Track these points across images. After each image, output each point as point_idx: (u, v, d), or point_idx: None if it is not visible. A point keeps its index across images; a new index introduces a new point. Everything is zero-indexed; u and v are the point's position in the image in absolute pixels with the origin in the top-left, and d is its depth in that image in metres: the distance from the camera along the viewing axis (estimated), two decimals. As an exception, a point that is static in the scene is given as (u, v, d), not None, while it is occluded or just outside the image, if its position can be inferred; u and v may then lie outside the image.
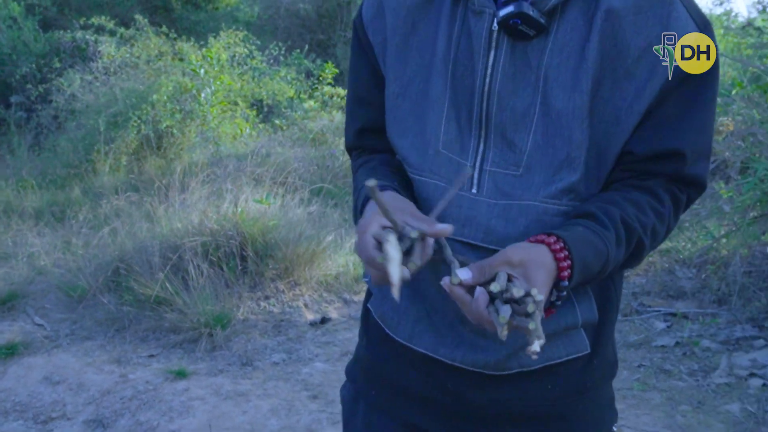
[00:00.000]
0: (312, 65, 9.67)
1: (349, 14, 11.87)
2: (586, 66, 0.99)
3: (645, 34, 0.98)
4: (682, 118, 1.02)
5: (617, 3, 0.98)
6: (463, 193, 1.05)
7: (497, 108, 1.02)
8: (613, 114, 1.01)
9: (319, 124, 7.94)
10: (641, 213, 1.02)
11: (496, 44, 1.02)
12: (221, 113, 7.87)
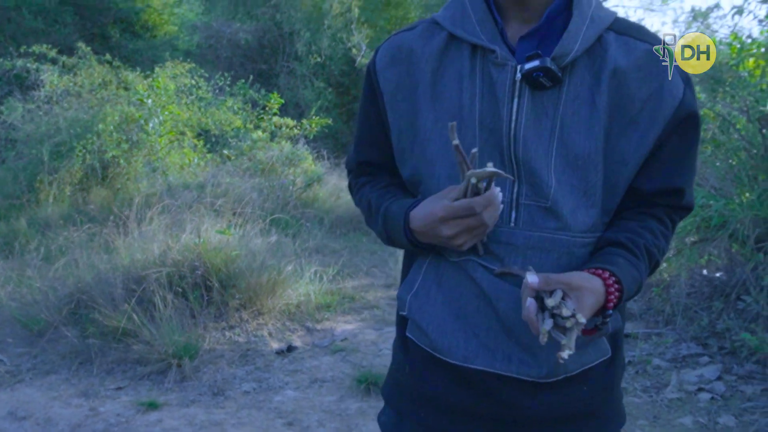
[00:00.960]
0: (257, 95, 9.73)
1: (291, 45, 11.99)
2: (598, 116, 1.16)
3: (646, 88, 1.17)
4: (681, 159, 1.22)
5: (622, 62, 1.16)
6: (503, 228, 1.19)
7: (523, 150, 1.16)
8: (621, 156, 1.18)
9: (269, 154, 7.99)
10: (656, 239, 1.21)
11: (519, 93, 1.16)
12: (169, 143, 7.84)
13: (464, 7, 1.22)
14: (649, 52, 1.17)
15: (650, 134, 1.17)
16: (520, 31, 1.20)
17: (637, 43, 1.18)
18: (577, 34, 1.16)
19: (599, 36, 1.17)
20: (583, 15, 1.17)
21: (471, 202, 1.06)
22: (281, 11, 12.08)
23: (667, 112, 1.17)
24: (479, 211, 1.06)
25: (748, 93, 4.56)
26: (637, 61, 1.17)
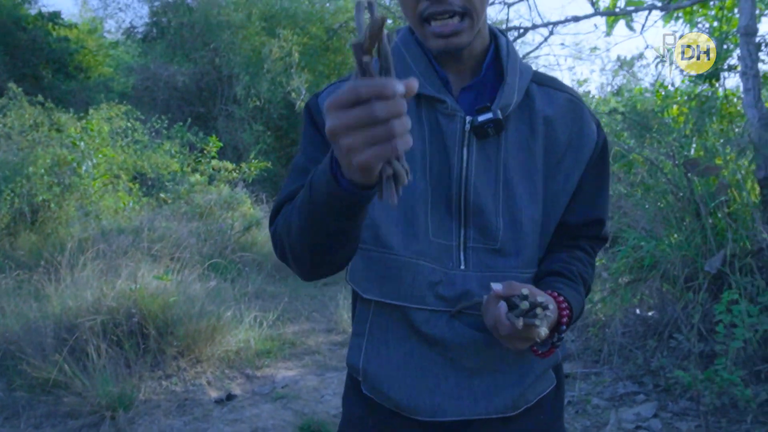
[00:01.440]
0: (195, 138, 9.64)
1: (230, 88, 11.97)
2: (534, 160, 1.25)
3: (568, 133, 1.28)
4: (598, 193, 1.33)
5: (549, 111, 1.27)
6: (453, 272, 1.22)
7: (474, 195, 1.23)
8: (553, 195, 1.28)
9: (207, 198, 7.90)
10: (585, 267, 1.31)
11: (468, 142, 1.23)
12: (103, 186, 7.67)
13: (404, 59, 1.26)
14: (569, 101, 1.30)
15: (575, 174, 1.28)
16: (458, 82, 1.26)
17: (557, 93, 1.30)
18: (514, 86, 1.24)
19: (526, 87, 1.27)
20: (514, 68, 1.26)
21: (353, 82, 0.82)
22: (220, 55, 12.08)
23: (587, 153, 1.28)
24: (366, 96, 0.80)
25: (674, 138, 4.77)
26: (560, 109, 1.28)
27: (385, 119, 0.80)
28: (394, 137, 0.82)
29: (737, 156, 4.59)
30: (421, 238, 1.22)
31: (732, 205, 4.45)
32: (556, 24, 5.48)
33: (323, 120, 1.20)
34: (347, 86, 0.81)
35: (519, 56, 1.31)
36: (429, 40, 1.18)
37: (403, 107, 0.81)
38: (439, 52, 1.19)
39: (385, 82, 0.79)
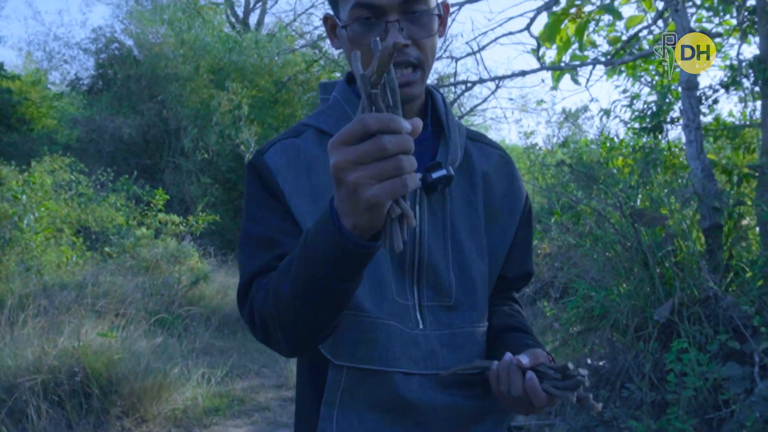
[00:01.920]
0: (141, 191, 9.47)
1: (177, 140, 11.85)
2: (477, 215, 1.28)
3: (502, 187, 1.33)
4: (528, 247, 1.39)
5: (486, 166, 1.32)
6: (414, 332, 1.19)
7: (428, 253, 1.22)
8: (494, 249, 1.30)
9: (153, 251, 7.72)
10: (525, 320, 1.37)
11: (419, 200, 1.22)
12: (45, 240, 7.42)
13: (347, 114, 1.24)
14: (502, 157, 1.36)
15: (511, 229, 1.32)
16: None
17: (490, 148, 1.35)
18: (456, 142, 1.27)
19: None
20: (454, 124, 1.29)
21: (362, 115, 0.80)
22: (168, 107, 11.99)
23: (520, 206, 1.34)
24: (375, 128, 0.78)
25: (620, 189, 4.88)
26: (495, 164, 1.33)
27: (394, 153, 0.79)
28: (403, 172, 0.80)
29: (682, 206, 4.72)
30: (389, 298, 1.18)
31: (679, 255, 4.55)
32: (503, 78, 5.61)
33: (275, 180, 1.19)
34: (354, 120, 0.80)
35: (453, 113, 1.34)
36: None
37: (411, 144, 0.80)
38: None
39: (394, 116, 0.79)
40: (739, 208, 4.67)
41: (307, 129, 1.26)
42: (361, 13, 1.12)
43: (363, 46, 1.13)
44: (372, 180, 0.80)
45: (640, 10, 6.23)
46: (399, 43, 0.96)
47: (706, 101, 5.14)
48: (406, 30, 1.13)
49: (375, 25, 1.12)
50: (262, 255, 1.16)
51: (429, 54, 1.17)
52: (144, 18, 13.44)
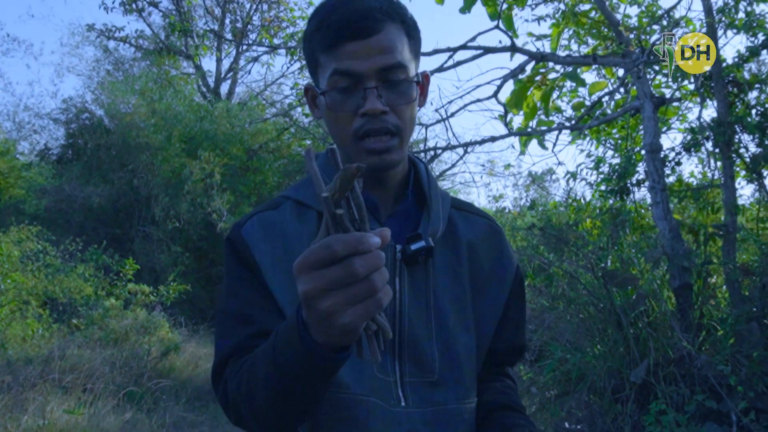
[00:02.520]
0: (110, 261, 9.34)
1: (148, 209, 11.77)
2: (462, 286, 1.25)
3: (490, 258, 1.30)
4: (519, 320, 1.34)
5: (472, 236, 1.30)
6: (396, 409, 1.15)
7: (409, 326, 1.18)
8: (482, 321, 1.26)
9: (123, 323, 7.56)
10: (517, 396, 1.32)
11: (399, 272, 1.20)
12: (10, 313, 7.24)
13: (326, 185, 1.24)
14: (489, 226, 1.33)
15: (500, 298, 1.29)
16: (384, 210, 1.25)
17: (477, 218, 1.33)
18: (439, 213, 1.25)
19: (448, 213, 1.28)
20: (437, 195, 1.28)
21: (327, 239, 0.76)
22: (138, 176, 11.95)
23: (510, 277, 1.30)
24: (342, 253, 0.75)
25: (591, 251, 4.93)
26: (481, 233, 1.31)
27: (366, 275, 0.76)
28: (376, 292, 0.78)
29: (652, 267, 4.77)
30: (368, 374, 1.15)
31: (651, 315, 4.58)
32: (473, 144, 5.72)
33: (252, 254, 1.18)
34: (319, 245, 0.76)
35: (437, 182, 1.33)
36: (362, 157, 1.16)
37: (381, 259, 0.77)
38: (373, 169, 1.17)
39: (361, 236, 0.75)
40: (708, 267, 4.74)
41: (285, 201, 1.26)
42: (340, 81, 1.13)
43: (341, 113, 1.15)
44: (345, 306, 0.77)
45: (601, 77, 6.44)
46: (377, 109, 1.03)
47: (669, 163, 5.27)
48: (384, 97, 1.13)
49: (354, 92, 1.13)
50: (236, 332, 1.15)
51: (407, 122, 1.17)
52: (116, 88, 13.51)
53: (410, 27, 1.18)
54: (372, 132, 1.14)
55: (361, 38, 1.11)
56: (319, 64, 1.17)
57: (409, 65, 1.16)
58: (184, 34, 16.10)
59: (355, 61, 1.11)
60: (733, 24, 4.66)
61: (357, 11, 1.11)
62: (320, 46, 1.15)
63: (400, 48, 1.14)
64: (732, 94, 4.97)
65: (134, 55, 16.68)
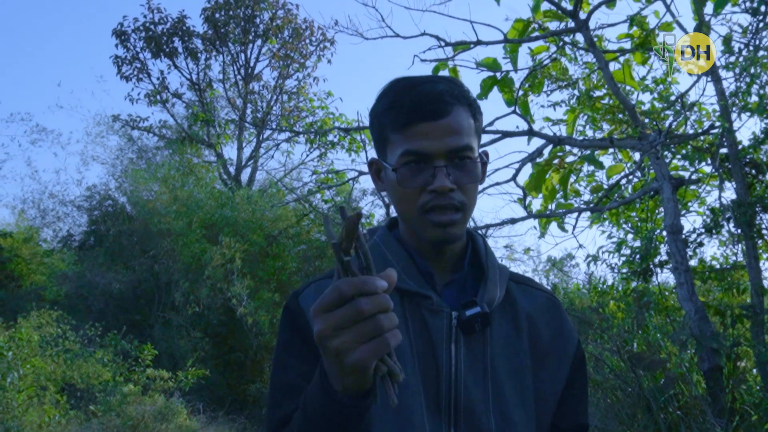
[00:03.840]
0: (129, 346, 9.31)
1: (168, 294, 11.81)
2: (520, 358, 1.24)
3: (550, 331, 1.30)
4: (581, 396, 1.32)
5: (531, 309, 1.30)
6: None
7: (465, 393, 1.18)
8: (542, 395, 1.25)
9: (140, 409, 7.46)
10: None
11: (455, 338, 1.21)
12: (28, 399, 7.19)
13: (384, 255, 1.27)
14: (549, 299, 1.33)
15: (561, 372, 1.27)
16: (441, 279, 1.27)
17: (536, 291, 1.33)
18: (496, 282, 1.26)
19: (506, 285, 1.29)
20: (494, 265, 1.29)
21: (336, 282, 0.84)
22: (159, 262, 12.05)
23: (571, 351, 1.29)
24: (350, 293, 0.82)
25: (616, 334, 4.87)
26: (541, 306, 1.30)
27: (371, 314, 0.82)
28: (383, 331, 0.83)
29: (680, 349, 4.70)
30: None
31: (682, 399, 4.47)
32: (493, 226, 5.75)
33: (307, 321, 1.20)
34: (330, 288, 0.83)
35: (495, 256, 1.34)
36: (427, 230, 1.21)
37: (388, 302, 0.83)
38: (437, 241, 1.22)
39: (367, 278, 0.83)
40: (737, 349, 4.65)
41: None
42: (410, 159, 1.19)
43: (411, 189, 1.20)
44: (354, 344, 0.83)
45: (617, 160, 6.52)
46: (445, 187, 1.12)
47: (691, 245, 5.26)
48: (452, 175, 1.18)
49: (423, 170, 1.18)
50: (285, 404, 1.18)
51: (471, 198, 1.22)
52: (138, 176, 13.81)
53: (475, 109, 1.24)
54: (438, 207, 1.19)
55: (432, 120, 1.16)
56: (388, 142, 1.22)
57: (474, 145, 1.21)
58: (207, 124, 16.56)
59: (427, 141, 1.17)
60: (747, 107, 4.74)
61: (429, 94, 1.17)
62: (391, 125, 1.21)
63: (467, 129, 1.20)
64: (750, 176, 5.01)
65: (157, 144, 17.11)
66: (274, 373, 1.25)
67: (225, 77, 17.41)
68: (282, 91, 17.33)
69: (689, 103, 5.58)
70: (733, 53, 4.97)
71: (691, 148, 5.50)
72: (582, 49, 5.99)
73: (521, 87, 5.78)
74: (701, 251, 5.60)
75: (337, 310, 0.83)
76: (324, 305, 0.84)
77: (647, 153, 5.02)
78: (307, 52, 17.17)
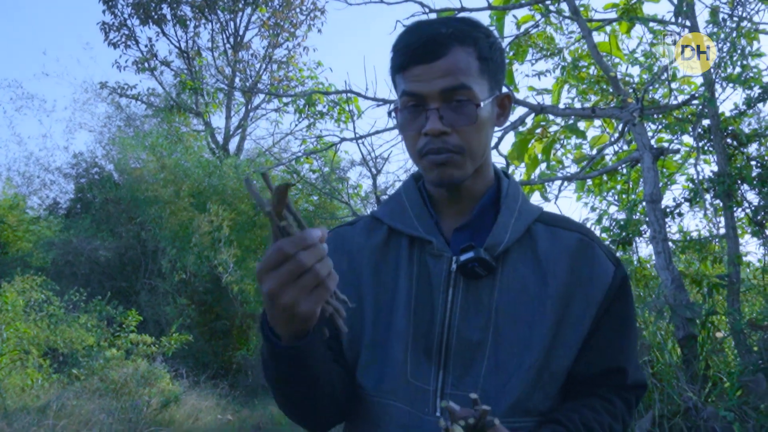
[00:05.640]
0: (114, 312, 9.32)
1: (154, 262, 11.81)
2: (534, 304, 1.19)
3: (579, 274, 1.22)
4: (617, 338, 1.24)
5: (557, 253, 1.23)
6: (428, 418, 1.15)
7: (456, 339, 1.18)
8: (561, 341, 1.19)
9: (123, 373, 7.49)
10: (596, 414, 1.19)
11: (454, 283, 1.20)
12: (11, 362, 7.20)
13: (402, 202, 1.30)
14: (580, 240, 1.25)
15: (585, 319, 1.20)
16: (454, 224, 1.26)
17: (566, 232, 1.26)
18: (506, 226, 1.22)
19: (528, 227, 1.24)
20: (510, 209, 1.25)
21: (277, 242, 0.90)
22: (146, 229, 12.03)
23: (599, 295, 1.21)
24: (291, 251, 0.89)
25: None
26: (568, 249, 1.23)
27: (311, 265, 0.90)
28: (323, 278, 0.91)
29: (656, 317, 4.73)
30: (398, 378, 1.18)
31: (656, 366, 4.51)
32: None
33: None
34: (272, 249, 0.90)
35: (523, 197, 1.30)
36: (427, 172, 1.21)
37: (323, 251, 0.92)
38: (436, 183, 1.21)
39: (304, 233, 0.90)
40: (712, 318, 4.69)
41: (365, 217, 1.35)
42: (408, 102, 1.18)
43: (408, 132, 1.20)
44: (301, 295, 0.91)
45: (604, 131, 6.51)
46: (435, 129, 1.12)
47: (671, 214, 5.27)
48: (446, 118, 1.15)
49: (420, 113, 1.18)
50: None
51: (473, 141, 1.18)
52: (126, 144, 13.72)
53: (483, 48, 1.19)
54: (433, 151, 1.17)
55: (425, 62, 1.15)
56: (395, 84, 1.23)
57: (476, 87, 1.17)
58: (195, 92, 16.43)
59: (420, 83, 1.16)
60: (730, 78, 4.73)
61: (424, 35, 1.16)
62: (394, 67, 1.21)
63: (465, 70, 1.16)
64: (731, 147, 5.01)
65: (145, 112, 17.00)
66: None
67: (214, 45, 17.26)
68: (271, 60, 17.18)
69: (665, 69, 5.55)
70: (719, 24, 4.95)
71: (674, 119, 5.49)
72: (568, 18, 5.95)
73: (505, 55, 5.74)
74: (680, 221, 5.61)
75: (282, 266, 0.89)
76: (269, 265, 0.90)
77: (626, 121, 5.01)
78: (297, 21, 17.01)
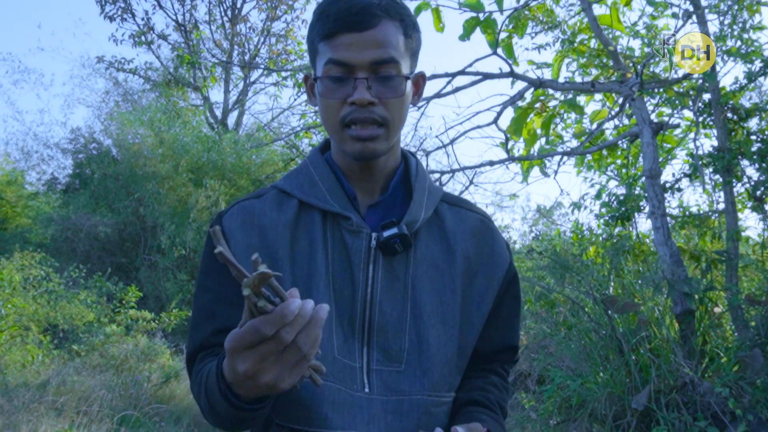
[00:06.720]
0: (114, 288, 9.33)
1: (154, 238, 11.80)
2: (445, 280, 1.25)
3: (480, 252, 1.29)
4: (510, 318, 1.34)
5: (459, 230, 1.30)
6: (358, 395, 1.16)
7: (379, 314, 1.20)
8: (468, 316, 1.25)
9: (123, 349, 7.52)
10: (501, 392, 1.31)
11: (374, 259, 1.21)
12: (10, 339, 7.22)
13: (311, 175, 1.28)
14: (481, 221, 1.33)
15: (488, 296, 1.28)
16: (366, 200, 1.27)
17: (469, 213, 1.33)
18: (421, 204, 1.26)
19: (435, 206, 1.29)
20: (422, 188, 1.29)
21: (254, 323, 0.84)
22: (145, 205, 12.00)
23: (500, 273, 1.29)
24: (269, 332, 0.84)
25: (593, 277, 4.90)
26: (472, 228, 1.30)
27: (293, 340, 0.87)
28: (305, 352, 0.89)
29: (654, 293, 4.73)
30: (325, 356, 1.17)
31: (653, 341, 4.52)
32: (472, 168, 5.72)
33: (227, 243, 1.20)
34: (247, 328, 0.85)
35: (429, 177, 1.34)
36: (347, 143, 1.20)
37: (303, 319, 0.86)
38: (356, 156, 1.20)
39: (281, 309, 0.84)
40: (710, 294, 4.68)
41: (270, 190, 1.30)
42: (334, 70, 1.17)
43: (332, 100, 1.18)
44: (284, 372, 0.90)
45: (604, 105, 6.46)
46: (364, 99, 1.10)
47: (670, 189, 5.25)
48: (374, 89, 1.16)
49: (345, 82, 1.17)
50: (202, 327, 1.22)
51: (396, 115, 1.19)
52: (124, 119, 13.64)
53: (408, 26, 1.21)
54: (358, 120, 1.17)
55: (357, 31, 1.15)
56: (317, 52, 1.21)
57: (402, 62, 1.19)
58: (193, 67, 16.29)
59: (349, 52, 1.15)
60: (730, 51, 4.67)
61: (356, 5, 1.15)
62: (319, 35, 1.19)
63: (395, 44, 1.17)
64: (731, 121, 4.97)
65: (143, 86, 16.86)
66: (195, 296, 1.26)
67: (211, 18, 17.07)
68: (269, 33, 17.01)
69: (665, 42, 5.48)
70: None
71: (674, 93, 5.44)
72: (568, -10, 5.87)
73: (504, 29, 5.67)
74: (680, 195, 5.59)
75: (260, 345, 0.86)
76: (244, 344, 0.86)
77: (626, 95, 4.96)
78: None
